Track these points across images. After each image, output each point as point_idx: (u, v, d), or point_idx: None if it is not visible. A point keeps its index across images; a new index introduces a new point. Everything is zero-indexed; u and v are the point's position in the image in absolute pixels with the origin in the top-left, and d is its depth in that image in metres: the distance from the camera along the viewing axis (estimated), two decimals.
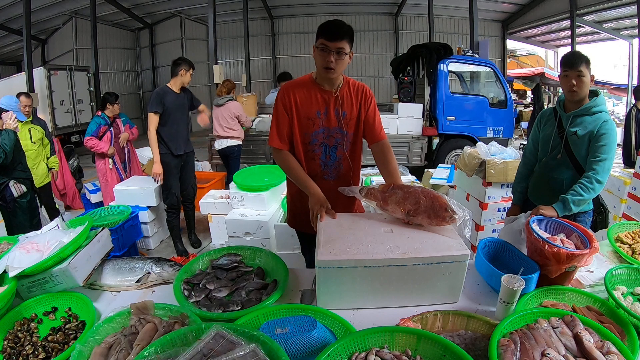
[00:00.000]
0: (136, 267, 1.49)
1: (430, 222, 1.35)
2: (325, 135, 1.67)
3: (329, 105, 1.64)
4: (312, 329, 1.01)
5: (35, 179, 3.48)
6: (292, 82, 1.69)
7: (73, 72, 9.29)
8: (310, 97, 1.63)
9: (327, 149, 1.69)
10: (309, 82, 1.64)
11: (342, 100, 1.64)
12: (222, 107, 4.62)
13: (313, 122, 1.64)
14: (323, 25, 1.51)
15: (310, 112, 1.64)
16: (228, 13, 11.70)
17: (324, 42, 1.50)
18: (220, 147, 4.70)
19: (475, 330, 1.11)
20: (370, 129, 1.72)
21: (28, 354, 1.11)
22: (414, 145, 5.97)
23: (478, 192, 3.01)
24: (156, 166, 3.33)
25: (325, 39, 1.49)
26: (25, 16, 7.61)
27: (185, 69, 3.31)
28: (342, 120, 1.65)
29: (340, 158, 1.71)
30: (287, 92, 1.63)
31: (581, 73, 1.71)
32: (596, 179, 1.64)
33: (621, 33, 11.53)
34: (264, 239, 3.07)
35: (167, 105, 3.28)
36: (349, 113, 1.66)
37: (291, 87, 1.65)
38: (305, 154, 1.69)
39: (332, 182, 1.72)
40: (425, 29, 11.65)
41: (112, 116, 3.95)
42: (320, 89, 1.63)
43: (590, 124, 1.75)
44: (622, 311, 1.16)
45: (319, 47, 1.52)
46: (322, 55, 1.51)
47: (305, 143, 1.68)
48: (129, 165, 4.20)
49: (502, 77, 6.06)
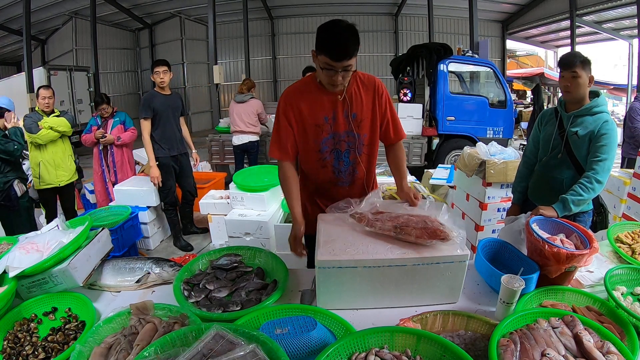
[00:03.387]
0: (136, 268, 1.49)
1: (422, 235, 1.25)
2: (335, 140, 1.54)
3: (337, 108, 1.50)
4: (312, 329, 1.01)
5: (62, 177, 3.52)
6: (294, 89, 1.55)
7: (73, 72, 9.30)
8: (316, 103, 1.50)
9: (339, 154, 1.57)
10: (313, 85, 1.51)
11: (350, 101, 1.50)
12: (245, 103, 4.84)
13: (321, 128, 1.52)
14: (326, 42, 1.32)
15: (318, 118, 1.51)
16: (228, 13, 11.70)
17: (328, 62, 1.33)
18: (241, 142, 4.91)
19: (475, 330, 1.11)
20: (386, 129, 1.60)
21: (28, 354, 1.11)
22: (413, 145, 5.97)
23: (478, 192, 3.01)
24: (153, 170, 3.36)
25: (330, 59, 1.32)
26: (25, 16, 7.61)
27: (153, 70, 3.34)
28: (352, 122, 1.52)
29: (354, 162, 1.60)
30: (289, 103, 1.51)
31: (576, 74, 1.71)
32: (596, 179, 1.64)
33: (621, 33, 11.54)
34: (264, 239, 3.07)
35: (156, 108, 3.32)
36: (360, 114, 1.52)
37: (294, 96, 1.51)
38: (317, 162, 1.59)
39: (347, 188, 1.64)
40: (425, 29, 11.65)
41: (104, 117, 3.91)
42: (326, 92, 1.49)
43: (591, 124, 1.75)
44: (621, 311, 1.16)
45: (322, 68, 1.36)
46: (328, 74, 1.37)
47: (315, 151, 1.56)
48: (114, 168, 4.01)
49: (501, 78, 6.06)
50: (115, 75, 12.62)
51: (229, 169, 6.13)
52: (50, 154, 3.47)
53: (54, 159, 3.49)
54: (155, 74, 3.33)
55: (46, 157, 3.47)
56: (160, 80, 3.33)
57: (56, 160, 3.50)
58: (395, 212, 1.40)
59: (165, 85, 3.39)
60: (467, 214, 3.23)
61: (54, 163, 3.49)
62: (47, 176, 3.50)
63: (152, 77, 3.39)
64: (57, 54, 12.04)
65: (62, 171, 3.54)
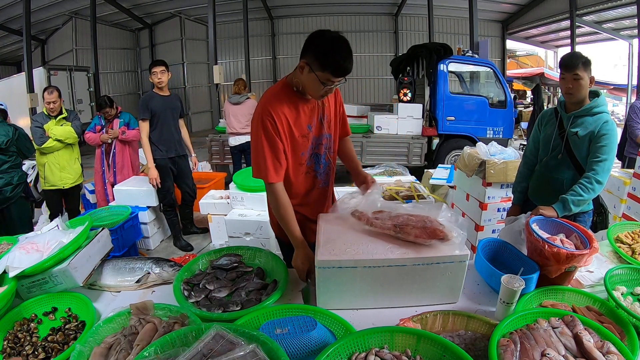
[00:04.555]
0: (136, 268, 1.49)
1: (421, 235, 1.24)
2: (314, 145, 1.53)
3: (314, 114, 1.48)
4: (312, 329, 1.01)
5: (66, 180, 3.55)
6: (275, 98, 1.40)
7: (73, 72, 9.30)
8: (299, 113, 1.43)
9: (318, 158, 1.56)
10: (290, 93, 1.42)
11: (323, 104, 1.51)
12: (241, 105, 4.81)
13: (307, 138, 1.48)
14: (331, 60, 1.27)
15: (303, 128, 1.45)
16: (228, 13, 11.69)
17: (330, 78, 1.29)
18: (238, 143, 4.89)
19: (475, 330, 1.11)
20: (343, 124, 1.65)
21: (28, 354, 1.11)
22: (413, 145, 5.97)
23: (478, 192, 3.01)
24: (151, 171, 3.36)
25: (332, 75, 1.28)
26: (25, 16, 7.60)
27: (151, 71, 3.33)
28: (324, 124, 1.52)
29: (330, 162, 1.62)
30: (276, 115, 1.36)
31: (578, 76, 1.71)
32: (596, 180, 1.64)
33: (621, 33, 11.54)
34: (264, 239, 3.07)
35: (154, 109, 3.31)
36: (329, 114, 1.54)
37: (278, 107, 1.38)
38: (302, 172, 1.54)
39: (327, 188, 1.66)
40: (425, 29, 11.64)
41: (108, 118, 3.91)
42: (305, 99, 1.44)
43: (591, 125, 1.75)
44: (621, 311, 1.16)
45: (321, 81, 1.30)
46: (324, 88, 1.33)
47: (300, 163, 1.51)
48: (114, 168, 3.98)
49: (501, 78, 6.06)
50: (115, 75, 12.62)
51: (229, 169, 6.12)
52: (56, 156, 3.51)
53: (59, 161, 3.52)
54: (153, 75, 3.31)
55: (51, 158, 3.50)
56: (158, 81, 3.31)
57: (61, 162, 3.52)
58: (395, 211, 1.40)
59: (164, 86, 3.37)
60: (467, 214, 3.23)
61: (59, 165, 3.52)
62: (52, 177, 3.53)
63: (149, 78, 3.38)
64: (57, 54, 12.03)
65: (67, 173, 3.57)
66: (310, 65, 1.30)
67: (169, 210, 3.61)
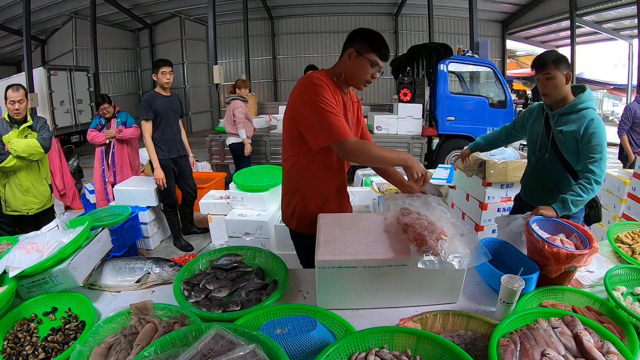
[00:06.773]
0: (136, 268, 1.49)
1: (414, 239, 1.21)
2: None
3: (347, 109, 1.55)
4: (312, 329, 1.01)
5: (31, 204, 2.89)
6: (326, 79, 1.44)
7: (73, 72, 9.28)
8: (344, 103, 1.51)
9: None
10: (332, 83, 1.47)
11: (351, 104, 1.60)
12: (228, 105, 4.82)
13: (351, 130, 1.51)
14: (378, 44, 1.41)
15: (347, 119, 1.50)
16: (228, 13, 11.70)
17: (377, 60, 1.42)
18: (228, 143, 4.87)
19: (475, 330, 1.11)
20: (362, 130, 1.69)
21: (28, 354, 1.11)
22: (413, 145, 5.97)
23: (478, 192, 3.01)
24: (157, 172, 3.35)
25: (379, 57, 1.42)
26: (25, 16, 7.60)
27: (155, 71, 3.31)
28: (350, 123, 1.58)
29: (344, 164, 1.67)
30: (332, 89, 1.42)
31: (549, 75, 1.70)
32: (595, 180, 1.64)
33: (621, 33, 11.54)
34: (264, 239, 3.07)
35: (157, 109, 3.31)
36: (353, 116, 1.62)
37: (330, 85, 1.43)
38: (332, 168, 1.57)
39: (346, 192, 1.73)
40: (425, 29, 11.65)
41: (107, 117, 3.92)
42: (343, 93, 1.52)
43: (575, 122, 1.73)
44: (621, 311, 1.16)
45: (371, 62, 1.42)
46: (370, 71, 1.44)
47: None
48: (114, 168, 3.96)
49: (501, 78, 6.06)
50: (115, 75, 12.62)
51: (229, 169, 6.13)
52: (18, 176, 2.82)
53: (22, 182, 2.83)
54: (162, 75, 3.29)
55: (13, 179, 2.82)
56: (166, 81, 3.31)
57: (25, 183, 2.84)
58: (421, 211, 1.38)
59: (169, 86, 3.38)
60: (467, 214, 3.23)
61: (21, 187, 2.84)
62: (14, 202, 2.87)
63: (155, 77, 3.33)
64: (57, 54, 12.04)
65: (31, 197, 2.89)
66: (359, 50, 1.42)
67: (170, 211, 3.61)
